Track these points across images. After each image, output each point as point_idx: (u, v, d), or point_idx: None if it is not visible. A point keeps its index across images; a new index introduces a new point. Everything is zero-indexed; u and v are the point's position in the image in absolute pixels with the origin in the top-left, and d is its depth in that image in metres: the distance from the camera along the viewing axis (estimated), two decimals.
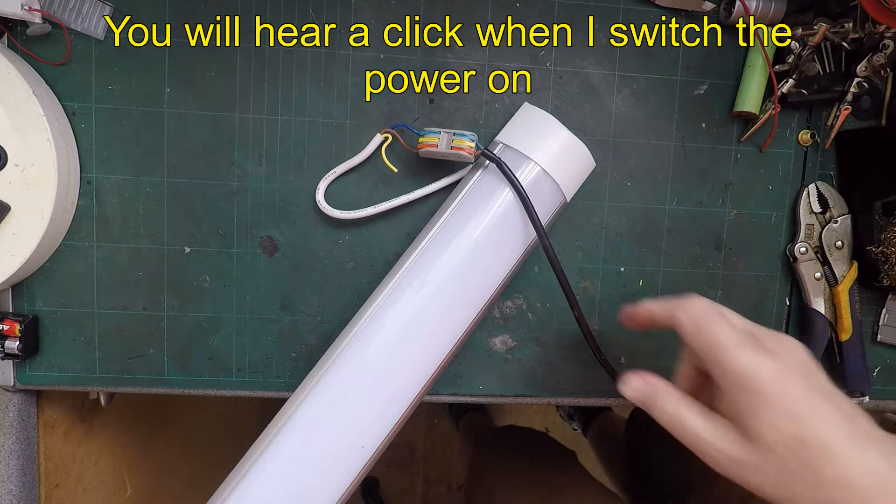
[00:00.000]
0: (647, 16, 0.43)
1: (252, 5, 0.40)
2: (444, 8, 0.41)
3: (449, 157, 0.38)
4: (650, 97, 0.43)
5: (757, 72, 0.42)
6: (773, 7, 0.41)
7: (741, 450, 0.28)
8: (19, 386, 0.42)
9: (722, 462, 0.29)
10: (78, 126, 0.40)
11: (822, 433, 0.27)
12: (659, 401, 0.31)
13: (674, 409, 0.31)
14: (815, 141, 0.44)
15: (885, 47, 0.41)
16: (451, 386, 0.44)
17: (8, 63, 0.36)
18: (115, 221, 0.41)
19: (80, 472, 0.54)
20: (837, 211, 0.44)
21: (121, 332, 0.42)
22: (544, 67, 0.42)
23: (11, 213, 0.37)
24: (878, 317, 0.46)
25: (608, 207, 0.44)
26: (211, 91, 0.41)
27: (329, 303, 0.43)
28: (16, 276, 0.38)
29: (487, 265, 0.37)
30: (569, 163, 0.38)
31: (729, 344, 0.29)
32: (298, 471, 0.34)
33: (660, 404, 0.31)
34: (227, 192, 0.42)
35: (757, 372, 0.28)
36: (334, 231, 0.42)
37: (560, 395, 0.45)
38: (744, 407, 0.28)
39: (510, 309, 0.44)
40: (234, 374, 0.43)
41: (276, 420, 0.36)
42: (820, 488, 0.26)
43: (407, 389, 0.36)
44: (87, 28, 0.39)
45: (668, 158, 0.44)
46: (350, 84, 0.41)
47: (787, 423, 0.27)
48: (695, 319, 0.30)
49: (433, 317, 0.36)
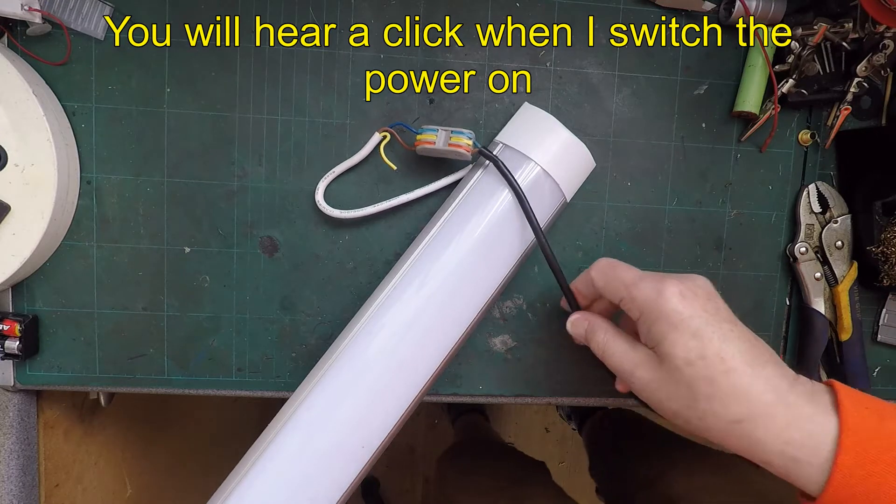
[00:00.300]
0: (647, 16, 0.43)
1: (252, 5, 0.40)
2: (444, 8, 0.41)
3: (447, 154, 0.38)
4: (650, 97, 0.43)
5: (757, 72, 0.42)
6: (773, 7, 0.41)
7: (654, 372, 0.31)
8: (19, 386, 0.42)
9: (640, 386, 0.32)
10: (78, 126, 0.40)
11: (720, 348, 0.29)
12: (593, 333, 0.35)
13: (603, 339, 0.34)
14: (815, 141, 0.44)
15: (885, 47, 0.41)
16: (451, 386, 0.44)
17: (8, 63, 0.36)
18: (115, 221, 0.41)
19: (80, 472, 0.54)
20: (837, 211, 0.44)
21: (121, 332, 0.42)
22: (544, 67, 0.42)
23: (11, 213, 0.37)
24: (878, 317, 0.46)
25: (608, 207, 0.44)
26: (211, 91, 0.41)
27: (329, 303, 0.43)
28: (16, 276, 0.38)
29: (487, 265, 0.37)
30: (569, 163, 0.38)
31: (634, 278, 0.32)
32: (299, 470, 0.34)
33: (594, 336, 0.35)
34: (227, 192, 0.42)
35: (662, 296, 0.30)
36: (334, 231, 0.42)
37: (560, 395, 0.45)
38: (655, 332, 0.31)
39: (510, 309, 0.44)
40: (234, 374, 0.43)
41: (276, 420, 0.36)
42: (715, 399, 0.29)
43: (407, 389, 0.36)
44: (87, 28, 0.39)
45: (668, 158, 0.44)
46: (350, 84, 0.41)
47: (691, 341, 0.29)
48: (601, 269, 0.34)
49: (433, 317, 0.36)
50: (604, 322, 0.35)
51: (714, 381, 0.29)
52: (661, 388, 0.31)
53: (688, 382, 0.29)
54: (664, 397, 0.31)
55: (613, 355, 0.33)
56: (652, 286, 0.31)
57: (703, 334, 0.29)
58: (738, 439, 0.29)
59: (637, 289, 0.32)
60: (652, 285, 0.31)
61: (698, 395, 0.29)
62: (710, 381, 0.29)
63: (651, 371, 0.31)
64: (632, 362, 0.32)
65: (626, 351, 0.33)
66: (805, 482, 0.28)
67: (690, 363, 0.29)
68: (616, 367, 0.33)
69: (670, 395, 0.30)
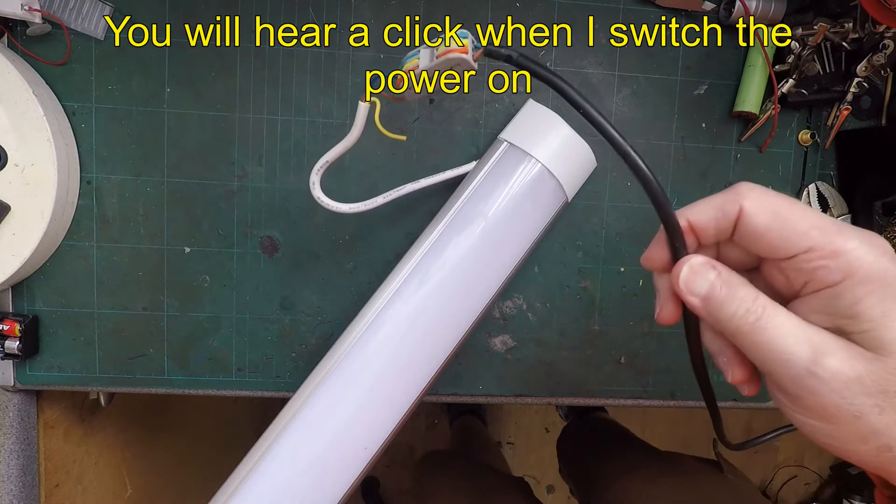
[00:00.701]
0: (647, 16, 0.43)
1: (252, 5, 0.40)
2: (444, 8, 0.41)
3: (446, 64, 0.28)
4: (650, 97, 0.43)
5: (757, 72, 0.42)
6: (773, 7, 0.41)
7: (867, 366, 0.20)
8: (19, 386, 0.42)
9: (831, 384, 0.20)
10: (78, 126, 0.40)
11: None
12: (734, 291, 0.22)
13: (758, 306, 0.21)
14: (815, 141, 0.44)
15: (885, 47, 0.41)
16: (451, 386, 0.44)
17: (8, 63, 0.36)
18: (115, 221, 0.41)
19: (80, 472, 0.54)
20: (837, 211, 0.44)
21: (121, 332, 0.42)
22: None
23: (11, 213, 0.37)
24: None
25: (608, 207, 0.44)
26: (211, 91, 0.41)
27: (329, 303, 0.43)
28: (16, 276, 0.38)
29: (488, 265, 0.37)
30: (571, 161, 0.38)
31: (836, 226, 0.21)
32: (300, 470, 0.34)
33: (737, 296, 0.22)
34: (227, 192, 0.42)
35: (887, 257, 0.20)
36: (334, 231, 0.42)
37: (560, 395, 0.45)
38: (875, 307, 0.20)
39: (510, 309, 0.44)
40: (234, 374, 0.43)
41: (277, 420, 0.36)
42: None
43: (407, 389, 0.36)
44: (87, 28, 0.39)
45: (668, 158, 0.44)
46: (350, 84, 0.41)
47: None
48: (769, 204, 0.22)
49: (434, 316, 0.36)
50: (744, 279, 0.22)
51: None
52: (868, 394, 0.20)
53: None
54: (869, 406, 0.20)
55: (780, 331, 0.21)
56: (862, 239, 0.21)
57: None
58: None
59: (845, 237, 0.20)
60: (861, 238, 0.21)
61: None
62: None
63: (853, 364, 0.20)
64: (817, 345, 0.20)
65: (803, 327, 0.21)
66: None
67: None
68: (781, 350, 0.21)
69: (884, 405, 0.20)
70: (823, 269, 0.21)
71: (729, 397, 0.46)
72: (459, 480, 0.64)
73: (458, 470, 0.69)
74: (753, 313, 0.21)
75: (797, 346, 0.20)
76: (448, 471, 0.68)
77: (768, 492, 1.43)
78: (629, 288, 0.44)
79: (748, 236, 0.22)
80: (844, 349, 0.20)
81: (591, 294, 0.44)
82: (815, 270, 0.21)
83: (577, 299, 0.44)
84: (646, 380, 0.45)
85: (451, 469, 0.69)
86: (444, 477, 0.65)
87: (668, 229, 0.23)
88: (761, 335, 0.21)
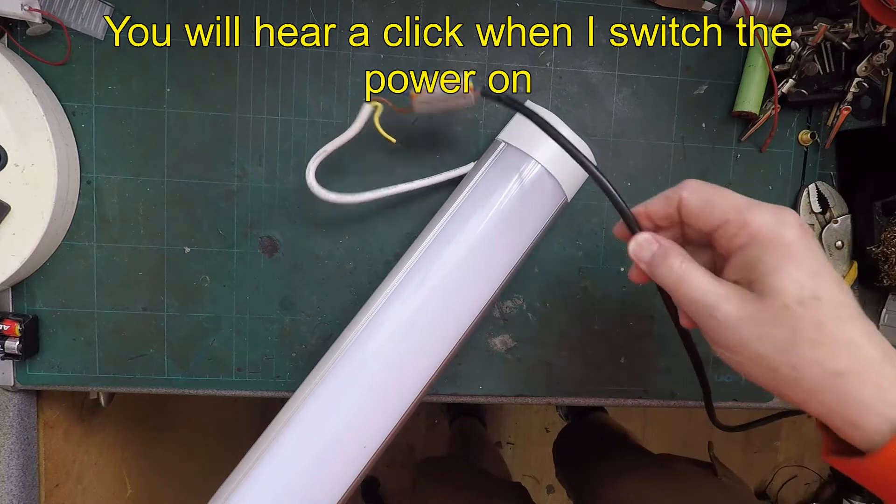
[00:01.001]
0: (647, 16, 0.43)
1: (252, 5, 0.40)
2: (444, 8, 0.41)
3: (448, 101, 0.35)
4: (650, 97, 0.43)
5: (757, 72, 0.42)
6: (773, 7, 0.41)
7: (747, 308, 0.27)
8: (19, 386, 0.42)
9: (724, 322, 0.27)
10: (78, 126, 0.40)
11: (838, 295, 0.26)
12: (665, 257, 0.30)
13: (680, 266, 0.29)
14: (815, 141, 0.44)
15: (885, 47, 0.41)
16: (451, 386, 0.44)
17: (8, 63, 0.36)
18: (115, 221, 0.41)
19: (80, 472, 0.54)
20: (837, 211, 0.44)
21: (121, 332, 0.42)
22: (544, 67, 0.42)
23: (11, 213, 0.37)
24: (878, 317, 0.46)
25: (608, 207, 0.44)
26: (211, 91, 0.41)
27: (329, 303, 0.43)
28: (16, 276, 0.38)
29: (488, 264, 0.37)
30: (570, 161, 0.37)
31: (748, 203, 0.28)
32: (300, 470, 0.34)
33: (667, 260, 0.30)
34: (227, 192, 0.42)
35: (784, 223, 0.27)
36: (334, 231, 0.42)
37: (560, 395, 0.45)
38: (767, 261, 0.27)
39: (510, 309, 0.44)
40: (234, 374, 0.43)
41: (277, 419, 0.36)
42: (820, 347, 0.26)
43: (407, 389, 0.36)
44: (87, 28, 0.39)
45: (668, 158, 0.44)
46: (350, 84, 0.41)
47: (808, 279, 0.26)
48: (697, 189, 0.30)
49: (433, 316, 0.36)
50: (678, 247, 0.30)
51: (824, 326, 0.26)
52: (753, 328, 0.27)
53: (792, 324, 0.26)
54: (753, 337, 0.27)
55: (693, 284, 0.28)
56: (771, 211, 0.28)
57: (823, 274, 0.26)
58: (831, 394, 0.26)
59: (752, 212, 0.28)
60: (770, 210, 0.28)
61: (801, 339, 0.26)
62: (819, 326, 0.26)
63: (743, 306, 0.27)
64: (717, 293, 0.28)
65: (710, 280, 0.28)
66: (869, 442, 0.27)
67: (803, 302, 0.26)
68: (695, 298, 0.28)
69: (763, 336, 0.27)
70: (735, 237, 0.28)
71: (729, 397, 0.46)
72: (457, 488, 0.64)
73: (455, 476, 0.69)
74: (677, 273, 0.29)
75: (705, 297, 0.28)
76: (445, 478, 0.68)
77: (768, 492, 1.43)
78: (629, 288, 0.44)
79: (687, 217, 0.30)
80: (738, 296, 0.27)
81: (591, 294, 0.44)
82: (731, 238, 0.28)
83: (577, 299, 0.44)
84: (646, 380, 0.45)
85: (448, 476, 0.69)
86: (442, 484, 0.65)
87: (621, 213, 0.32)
88: (682, 289, 0.29)
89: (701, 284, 0.28)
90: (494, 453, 1.05)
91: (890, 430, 0.26)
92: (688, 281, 0.29)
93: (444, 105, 0.36)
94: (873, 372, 0.26)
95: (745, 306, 0.27)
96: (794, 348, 0.26)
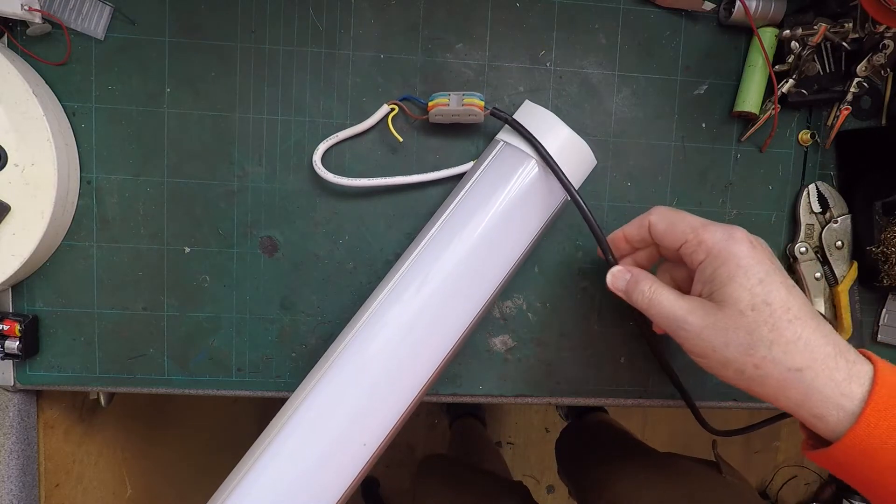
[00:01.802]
0: (647, 16, 0.43)
1: (252, 5, 0.40)
2: (445, 8, 0.41)
3: (460, 116, 0.39)
4: (650, 97, 0.43)
5: (757, 72, 0.42)
6: (773, 7, 0.41)
7: (709, 318, 0.31)
8: (19, 386, 0.42)
9: (692, 333, 0.31)
10: (78, 126, 0.40)
11: (786, 298, 0.30)
12: (636, 283, 0.34)
13: (650, 290, 0.34)
14: (815, 141, 0.44)
15: (885, 47, 0.41)
16: (451, 386, 0.44)
17: (8, 63, 0.36)
18: (115, 221, 0.41)
19: (80, 472, 0.54)
20: (837, 211, 0.44)
21: (121, 332, 0.42)
22: (544, 67, 0.42)
23: (11, 213, 0.37)
24: (878, 317, 0.46)
25: (608, 207, 0.44)
26: (211, 91, 0.41)
27: (329, 303, 0.43)
28: (16, 276, 0.38)
29: (488, 264, 0.37)
30: (570, 160, 0.38)
31: (703, 221, 0.33)
32: (299, 470, 0.34)
33: (638, 286, 0.34)
34: (227, 192, 0.42)
35: (733, 239, 0.31)
36: (334, 231, 0.42)
37: (560, 395, 0.45)
38: (720, 274, 0.31)
39: (510, 309, 0.44)
40: (234, 374, 0.43)
41: (277, 418, 0.36)
42: (777, 346, 0.29)
43: (407, 389, 0.36)
44: (87, 28, 0.39)
45: (668, 158, 0.44)
46: (350, 84, 0.41)
47: (758, 286, 0.30)
48: (663, 214, 0.35)
49: (433, 316, 0.36)
50: (648, 274, 0.35)
51: (777, 327, 0.29)
52: (717, 335, 0.30)
53: (749, 327, 0.29)
54: (719, 344, 0.30)
55: (662, 304, 0.33)
56: (722, 230, 0.32)
57: (770, 282, 0.30)
58: (794, 389, 0.29)
59: (707, 231, 0.32)
60: (722, 229, 0.32)
61: (759, 340, 0.29)
62: (773, 328, 0.29)
63: (705, 317, 0.31)
64: (683, 309, 0.32)
65: (676, 299, 0.33)
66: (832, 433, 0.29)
67: (755, 308, 0.29)
68: (665, 315, 0.33)
69: (727, 342, 0.30)
70: (695, 253, 0.32)
71: (729, 397, 0.46)
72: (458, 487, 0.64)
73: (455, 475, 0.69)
74: (648, 296, 0.34)
75: (673, 313, 0.32)
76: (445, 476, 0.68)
77: (768, 492, 1.43)
78: None
79: (656, 237, 0.35)
80: (701, 308, 0.31)
81: (591, 294, 0.44)
82: (692, 255, 0.33)
83: (577, 299, 0.44)
84: (646, 380, 0.45)
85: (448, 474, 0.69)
86: (442, 482, 0.65)
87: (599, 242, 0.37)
88: (654, 309, 0.34)
89: (668, 303, 0.33)
90: (495, 453, 1.05)
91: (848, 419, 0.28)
92: (657, 301, 0.33)
93: (455, 119, 0.40)
94: (828, 366, 0.29)
95: (708, 317, 0.31)
96: (755, 349, 0.30)
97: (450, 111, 0.39)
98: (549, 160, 0.36)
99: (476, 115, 0.39)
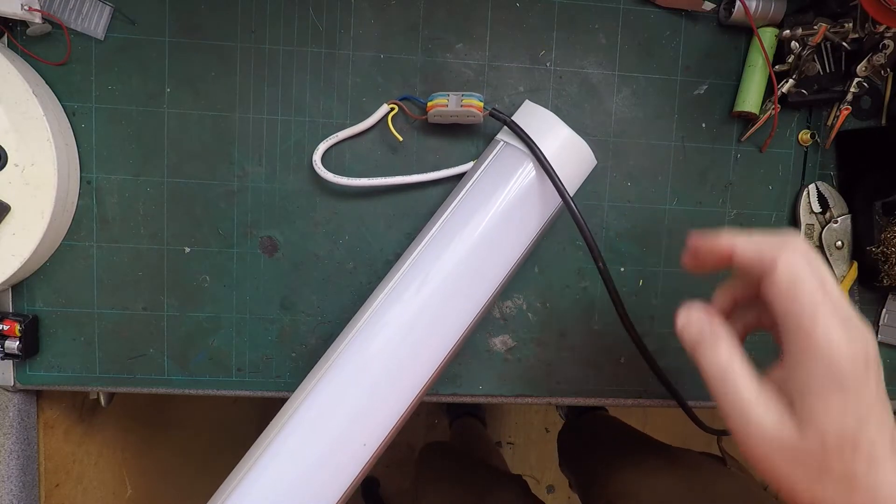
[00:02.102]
0: (647, 16, 0.43)
1: (252, 5, 0.40)
2: (445, 8, 0.41)
3: (459, 116, 0.39)
4: (650, 97, 0.43)
5: (757, 72, 0.42)
6: (773, 7, 0.41)
7: (787, 430, 0.25)
8: (19, 386, 0.42)
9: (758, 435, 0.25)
10: (78, 126, 0.40)
11: (875, 439, 0.24)
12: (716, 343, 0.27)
13: (727, 361, 0.27)
14: (815, 141, 0.44)
15: (885, 47, 0.41)
16: (451, 386, 0.44)
17: (8, 63, 0.36)
18: (115, 221, 0.41)
19: (80, 472, 0.54)
20: (837, 211, 0.44)
21: (121, 332, 0.42)
22: (544, 67, 0.42)
23: (11, 213, 0.37)
24: (878, 317, 0.46)
25: (608, 207, 0.44)
26: (211, 91, 0.41)
27: (329, 303, 0.43)
28: (16, 276, 0.38)
29: (488, 264, 0.37)
30: (570, 160, 0.38)
31: (823, 313, 0.25)
32: (299, 470, 0.34)
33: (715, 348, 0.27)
34: (227, 192, 0.42)
35: (845, 355, 0.24)
36: (334, 231, 0.42)
37: (560, 395, 0.45)
38: (813, 384, 0.24)
39: (510, 309, 0.44)
40: (234, 374, 0.43)
41: (277, 418, 0.36)
42: (853, 494, 0.24)
43: (407, 389, 0.36)
44: (87, 28, 0.39)
45: (668, 158, 0.44)
46: (350, 84, 0.41)
47: (850, 420, 0.24)
48: (793, 272, 0.25)
49: (433, 316, 0.36)
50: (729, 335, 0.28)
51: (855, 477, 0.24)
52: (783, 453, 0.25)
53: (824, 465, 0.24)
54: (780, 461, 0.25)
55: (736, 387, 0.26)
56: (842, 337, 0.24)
57: (864, 416, 0.24)
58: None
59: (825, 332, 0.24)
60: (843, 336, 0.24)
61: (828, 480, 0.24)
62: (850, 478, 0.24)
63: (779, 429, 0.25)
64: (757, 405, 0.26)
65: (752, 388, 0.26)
66: None
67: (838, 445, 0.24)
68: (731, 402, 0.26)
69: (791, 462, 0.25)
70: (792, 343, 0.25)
71: None
72: (457, 474, 0.64)
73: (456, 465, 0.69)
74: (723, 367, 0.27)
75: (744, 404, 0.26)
76: (446, 465, 0.68)
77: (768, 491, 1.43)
78: (629, 288, 0.44)
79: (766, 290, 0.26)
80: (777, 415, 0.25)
81: (591, 294, 0.44)
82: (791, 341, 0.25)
83: (577, 299, 0.44)
84: (646, 380, 0.45)
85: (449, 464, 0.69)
86: (443, 471, 0.65)
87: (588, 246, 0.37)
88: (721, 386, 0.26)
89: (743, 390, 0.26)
90: (495, 453, 1.05)
91: None
92: (731, 380, 0.26)
93: (454, 119, 0.40)
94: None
95: (782, 430, 0.25)
96: (820, 486, 0.25)
97: (448, 112, 0.39)
98: (544, 162, 0.35)
99: (475, 116, 0.39)
